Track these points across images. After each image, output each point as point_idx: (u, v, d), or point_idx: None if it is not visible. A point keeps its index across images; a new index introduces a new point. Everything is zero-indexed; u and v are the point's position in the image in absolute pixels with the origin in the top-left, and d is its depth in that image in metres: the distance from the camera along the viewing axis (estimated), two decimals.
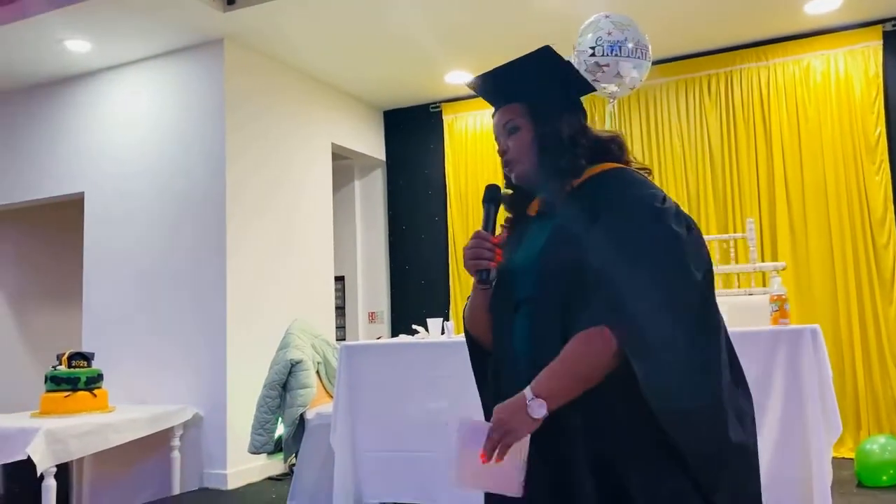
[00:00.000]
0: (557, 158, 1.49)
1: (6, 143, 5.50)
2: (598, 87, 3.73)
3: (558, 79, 1.54)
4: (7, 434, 3.79)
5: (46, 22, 4.35)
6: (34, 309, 5.96)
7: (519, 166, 1.53)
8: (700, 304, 1.35)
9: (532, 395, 1.31)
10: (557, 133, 1.50)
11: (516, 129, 1.53)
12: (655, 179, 5.60)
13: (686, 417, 1.31)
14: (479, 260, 1.48)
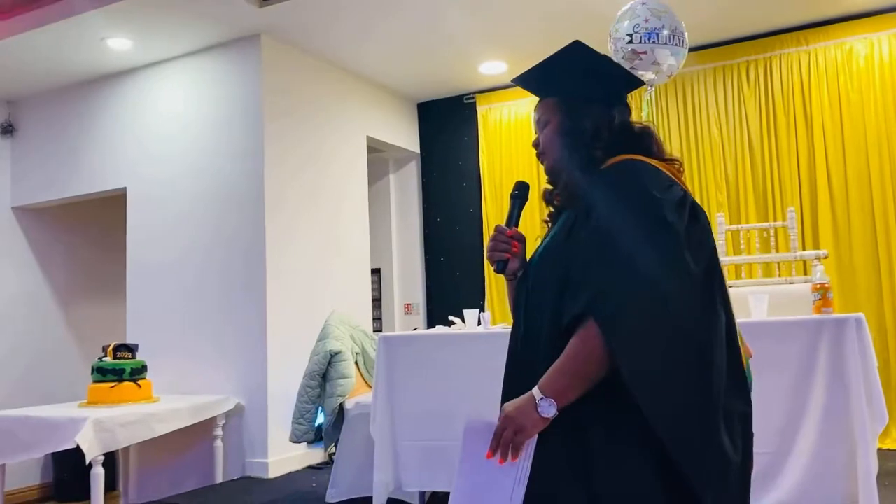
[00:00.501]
0: (574, 152, 1.51)
1: (52, 141, 5.64)
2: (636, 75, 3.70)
3: (588, 73, 1.55)
4: (57, 423, 3.90)
5: (89, 21, 4.45)
6: (80, 302, 6.11)
7: (546, 160, 1.58)
8: (693, 297, 1.30)
9: (541, 394, 1.31)
10: (579, 126, 1.51)
11: (546, 124, 1.58)
12: (693, 168, 5.55)
13: (672, 417, 1.27)
14: (495, 252, 1.58)
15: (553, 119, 1.56)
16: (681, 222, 1.34)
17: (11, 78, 5.36)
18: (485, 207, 6.01)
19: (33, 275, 5.85)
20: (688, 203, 1.39)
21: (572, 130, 1.52)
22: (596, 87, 1.54)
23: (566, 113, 1.54)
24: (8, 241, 5.73)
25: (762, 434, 2.79)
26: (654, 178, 1.41)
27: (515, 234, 1.61)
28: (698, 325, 1.30)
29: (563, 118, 1.54)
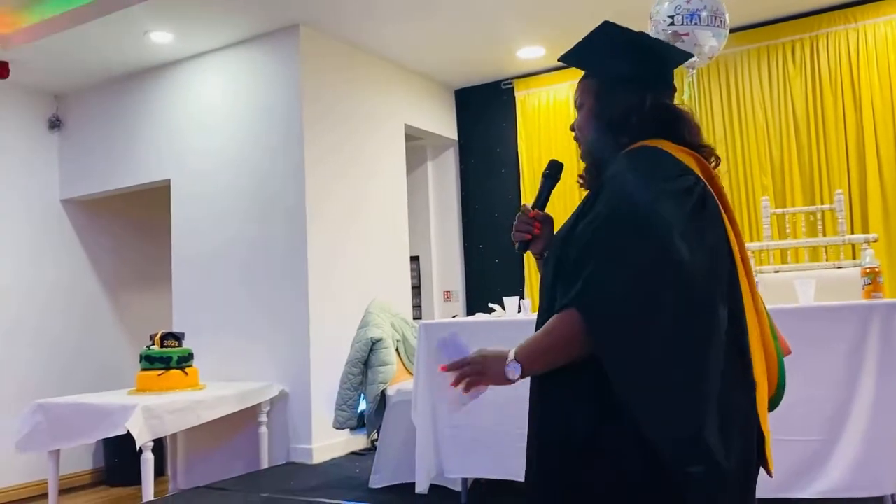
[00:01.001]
0: (601, 136, 1.50)
1: (98, 135, 5.76)
2: None
3: (621, 52, 1.50)
4: (108, 410, 4.00)
5: (133, 15, 4.52)
6: (128, 292, 6.25)
7: (581, 143, 1.56)
8: (682, 292, 1.24)
9: (513, 356, 1.36)
10: (608, 111, 1.49)
11: (582, 106, 1.56)
12: (737, 152, 5.45)
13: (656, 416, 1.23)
14: (517, 232, 1.60)
15: (587, 102, 1.54)
16: (680, 213, 1.28)
17: (59, 73, 5.48)
18: (524, 194, 5.98)
19: (82, 266, 6.00)
20: (696, 192, 1.33)
21: (601, 115, 1.50)
22: (630, 67, 1.49)
23: (598, 96, 1.52)
24: (58, 233, 5.88)
25: (810, 421, 2.75)
26: (662, 166, 1.37)
27: (539, 216, 1.62)
28: (687, 321, 1.24)
29: (595, 102, 1.52)
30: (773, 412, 1.47)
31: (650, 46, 1.54)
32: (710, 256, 1.29)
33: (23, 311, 5.58)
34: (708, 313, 1.27)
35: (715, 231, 1.34)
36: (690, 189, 1.33)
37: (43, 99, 5.90)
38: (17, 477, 5.33)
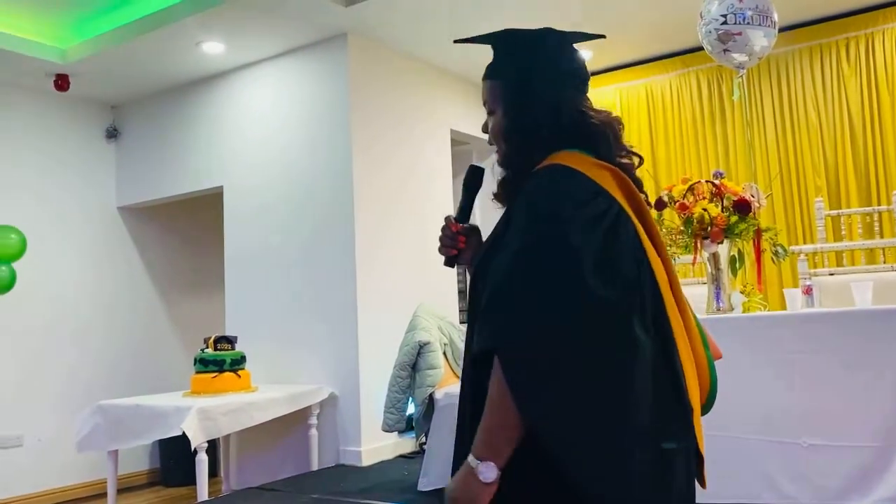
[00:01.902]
0: (511, 149, 1.40)
1: (152, 144, 5.92)
2: (729, 58, 3.60)
3: (527, 55, 1.42)
4: (164, 412, 4.10)
5: (185, 27, 4.64)
6: (182, 296, 6.40)
7: (496, 152, 1.45)
8: (602, 325, 1.14)
9: (476, 459, 1.17)
10: (519, 121, 1.38)
11: (492, 112, 1.45)
12: (790, 152, 5.34)
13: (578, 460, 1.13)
14: (442, 247, 1.51)
15: (497, 109, 1.42)
16: (589, 243, 1.17)
17: (115, 85, 5.66)
18: None
19: (138, 271, 6.17)
20: (609, 217, 1.22)
21: (512, 126, 1.39)
22: (539, 70, 1.40)
23: (510, 104, 1.40)
24: (115, 239, 6.06)
25: (866, 427, 2.69)
26: (573, 190, 1.24)
27: (462, 230, 1.50)
28: (604, 356, 1.14)
29: (507, 109, 1.40)
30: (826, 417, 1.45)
31: (559, 44, 1.46)
32: (626, 286, 1.18)
33: (81, 315, 5.76)
34: (630, 348, 1.16)
35: (630, 257, 1.22)
36: (603, 214, 1.22)
37: (100, 110, 6.09)
38: (78, 476, 5.50)
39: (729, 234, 3.26)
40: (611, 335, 1.15)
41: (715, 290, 3.30)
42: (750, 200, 3.26)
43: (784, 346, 2.91)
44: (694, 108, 5.46)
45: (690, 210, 3.26)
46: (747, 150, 5.01)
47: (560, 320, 1.13)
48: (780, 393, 2.88)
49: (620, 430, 1.14)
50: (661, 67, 5.58)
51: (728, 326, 3.09)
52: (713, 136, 5.38)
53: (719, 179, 3.40)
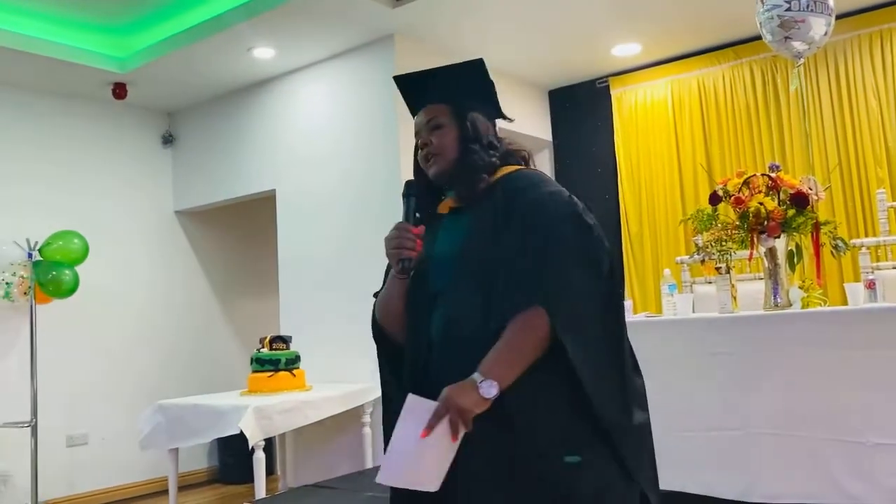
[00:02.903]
0: (475, 156, 1.62)
1: (207, 149, 6.06)
2: (789, 46, 3.52)
3: (481, 91, 1.71)
4: (222, 411, 4.19)
5: (237, 33, 4.73)
6: (237, 297, 6.53)
7: (440, 162, 1.65)
8: (608, 292, 1.49)
9: (482, 377, 1.39)
10: (478, 134, 1.64)
11: (439, 127, 1.66)
12: (849, 142, 5.23)
13: (605, 389, 1.45)
14: (401, 249, 1.56)
15: (449, 125, 1.65)
16: (594, 226, 1.52)
17: (171, 91, 5.80)
18: (621, 193, 5.88)
19: (195, 273, 6.32)
20: (587, 210, 1.56)
21: (475, 139, 1.63)
22: (485, 103, 1.71)
23: (466, 121, 1.65)
24: (172, 242, 6.22)
25: None
26: (561, 188, 1.60)
27: (420, 233, 1.61)
28: (616, 317, 1.52)
29: (464, 125, 1.65)
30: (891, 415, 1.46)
31: (493, 89, 1.73)
32: (611, 261, 1.52)
33: (141, 317, 5.92)
34: (622, 310, 1.56)
35: (605, 240, 1.55)
36: (583, 207, 1.56)
37: (157, 116, 6.25)
38: (141, 474, 5.67)
39: (786, 228, 3.19)
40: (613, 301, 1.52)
41: (772, 286, 3.23)
42: (807, 193, 3.18)
43: (845, 343, 2.83)
44: (748, 99, 5.34)
45: (746, 204, 3.19)
46: (804, 142, 4.88)
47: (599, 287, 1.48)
48: (843, 391, 2.80)
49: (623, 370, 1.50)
50: (713, 59, 5.47)
51: (786, 323, 3.02)
52: (768, 129, 5.26)
53: (775, 172, 3.32)
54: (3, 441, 4.86)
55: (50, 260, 5.00)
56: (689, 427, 3.10)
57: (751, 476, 2.95)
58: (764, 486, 2.92)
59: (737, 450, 2.99)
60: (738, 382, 3.02)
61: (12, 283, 4.89)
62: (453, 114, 1.67)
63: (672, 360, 3.19)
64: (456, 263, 1.56)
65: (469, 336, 1.48)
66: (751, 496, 2.94)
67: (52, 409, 5.24)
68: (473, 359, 1.42)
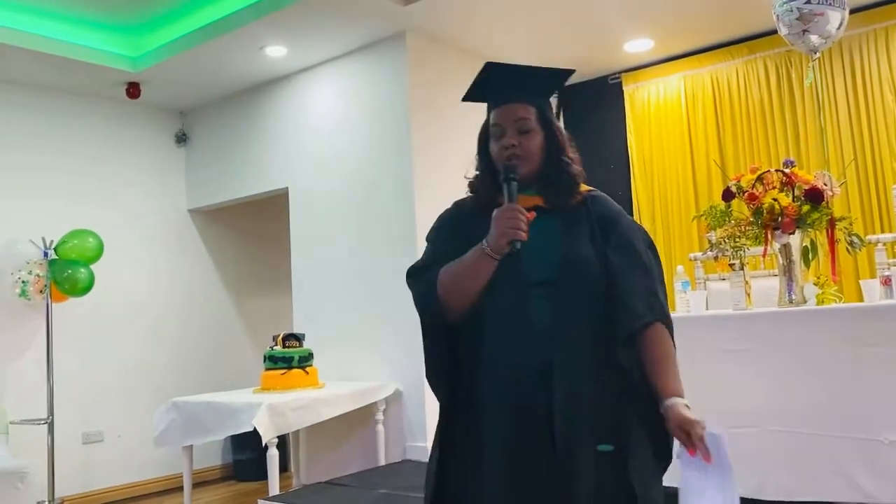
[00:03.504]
0: (570, 168, 1.72)
1: (220, 148, 6.08)
2: (806, 40, 3.49)
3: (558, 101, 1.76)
4: (235, 408, 4.20)
5: (249, 32, 4.75)
6: (250, 295, 6.56)
7: (525, 165, 1.67)
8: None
9: (680, 398, 1.58)
10: (564, 145, 1.73)
11: (528, 131, 1.69)
12: (864, 137, 5.17)
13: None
14: (517, 230, 1.56)
15: (536, 130, 1.70)
16: None
17: (184, 91, 5.83)
18: (634, 190, 5.86)
19: (208, 271, 6.35)
20: None
21: (563, 150, 1.73)
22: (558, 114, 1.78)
23: (554, 130, 1.72)
24: (186, 241, 6.25)
25: None
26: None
27: (532, 218, 1.62)
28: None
29: (552, 134, 1.71)
30: None
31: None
32: None
33: (156, 315, 5.96)
34: None
35: None
36: None
37: (170, 116, 6.29)
38: (155, 471, 5.71)
39: (801, 224, 3.16)
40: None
41: (787, 283, 3.20)
42: (822, 189, 3.16)
43: (861, 340, 2.81)
44: (762, 95, 5.30)
45: (760, 200, 3.17)
46: (819, 137, 4.83)
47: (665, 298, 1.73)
48: (858, 388, 2.78)
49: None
50: (727, 54, 5.44)
51: (801, 320, 3.00)
52: (782, 124, 5.22)
53: (790, 168, 3.30)
54: (21, 438, 4.90)
55: (65, 258, 5.04)
56: None
57: (765, 473, 2.93)
58: (778, 483, 2.91)
59: (751, 447, 2.97)
60: (752, 380, 3.01)
61: (28, 281, 4.93)
62: (539, 119, 1.70)
63: (685, 358, 3.17)
64: (560, 261, 1.63)
65: (582, 327, 1.60)
66: (765, 493, 2.93)
67: (69, 406, 5.28)
68: (588, 348, 1.60)
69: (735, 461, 2.98)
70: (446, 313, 1.66)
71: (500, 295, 1.62)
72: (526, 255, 1.58)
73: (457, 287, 1.65)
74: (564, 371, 1.56)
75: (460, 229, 1.74)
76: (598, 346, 1.60)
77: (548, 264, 1.62)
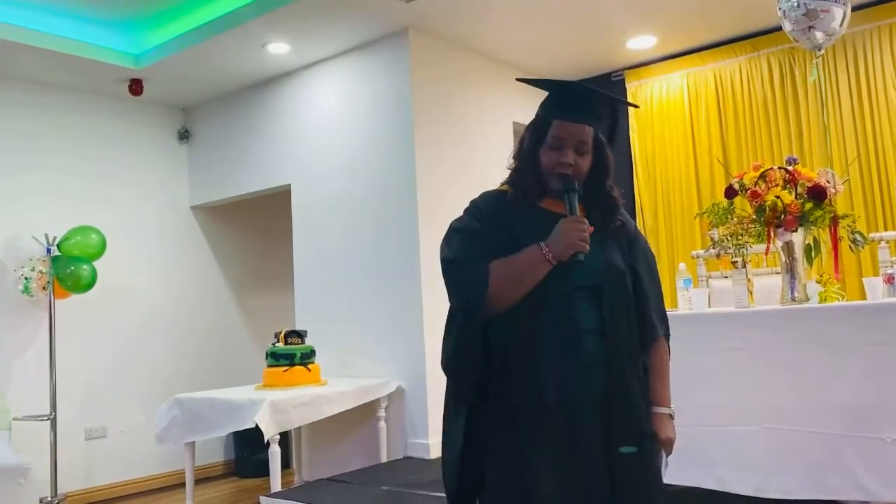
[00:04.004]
0: (615, 193, 1.86)
1: (222, 145, 6.08)
2: (811, 36, 3.48)
3: (612, 127, 1.88)
4: (238, 405, 4.20)
5: (252, 29, 4.75)
6: (253, 292, 6.56)
7: (579, 183, 1.76)
8: None
9: (668, 408, 1.82)
10: (609, 171, 1.84)
11: (585, 153, 1.78)
12: (868, 135, 5.15)
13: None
14: (585, 242, 1.69)
15: (590, 152, 1.78)
16: None
17: (186, 88, 5.83)
18: (637, 187, 5.85)
19: (211, 268, 6.36)
20: None
21: (609, 174, 1.84)
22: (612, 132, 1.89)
23: (606, 155, 1.82)
24: (188, 238, 6.25)
25: None
26: None
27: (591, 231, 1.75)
28: None
29: (604, 158, 1.82)
30: None
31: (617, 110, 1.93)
32: None
33: (158, 312, 5.97)
34: None
35: None
36: None
37: (172, 112, 6.29)
38: (158, 467, 5.72)
39: (803, 221, 3.15)
40: None
41: (789, 280, 3.20)
42: (825, 186, 3.15)
43: (864, 338, 2.80)
44: (765, 92, 5.29)
45: (762, 198, 3.16)
46: (822, 135, 4.83)
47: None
48: (861, 387, 2.78)
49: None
50: (730, 52, 5.42)
51: (803, 317, 3.00)
52: (786, 121, 5.21)
53: (793, 166, 3.29)
54: (23, 434, 4.91)
55: (68, 255, 5.04)
56: (705, 422, 3.08)
57: (766, 472, 2.93)
58: (779, 481, 2.90)
59: (752, 445, 2.96)
60: (754, 378, 3.00)
61: (31, 277, 4.94)
62: (593, 142, 1.79)
63: (687, 355, 3.17)
64: (604, 268, 1.76)
65: (623, 329, 1.75)
66: (766, 492, 2.92)
67: (71, 402, 5.29)
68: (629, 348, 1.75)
69: (736, 459, 2.98)
70: (492, 308, 1.70)
71: (546, 296, 1.70)
72: (576, 263, 1.70)
73: (510, 285, 1.70)
74: (611, 368, 1.71)
75: (503, 225, 1.77)
76: (632, 348, 1.76)
77: (591, 270, 1.73)
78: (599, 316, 1.72)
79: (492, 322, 1.72)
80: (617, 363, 1.72)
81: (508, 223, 1.76)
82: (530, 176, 1.80)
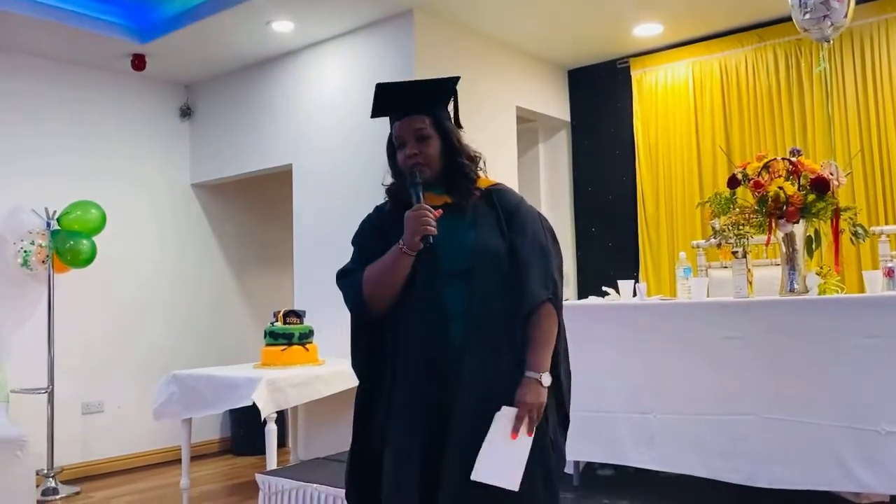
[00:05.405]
0: (466, 169, 1.91)
1: (224, 123, 6.06)
2: (822, 27, 3.46)
3: (453, 105, 2.00)
4: (235, 383, 4.22)
5: (255, 5, 4.71)
6: (251, 271, 6.57)
7: (428, 170, 1.87)
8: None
9: (538, 372, 1.76)
10: (461, 147, 1.94)
11: (426, 138, 1.90)
12: (873, 129, 5.14)
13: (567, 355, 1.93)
14: (427, 226, 1.76)
15: (433, 137, 1.90)
16: None
17: (188, 64, 5.80)
18: (639, 175, 5.84)
19: (211, 246, 6.36)
20: None
21: (460, 151, 1.93)
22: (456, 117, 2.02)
23: (450, 135, 1.93)
24: (189, 215, 6.25)
25: None
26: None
27: (438, 216, 1.81)
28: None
29: (449, 139, 1.92)
30: None
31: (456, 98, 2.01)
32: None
33: (158, 288, 5.97)
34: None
35: None
36: None
37: (175, 89, 6.26)
38: (154, 442, 5.75)
39: (805, 213, 3.15)
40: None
41: (789, 272, 3.20)
42: (828, 178, 3.14)
43: (862, 330, 2.80)
44: (770, 83, 5.27)
45: (765, 188, 3.16)
46: (826, 127, 4.82)
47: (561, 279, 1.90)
48: (857, 378, 2.78)
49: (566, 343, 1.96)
50: (736, 41, 5.40)
51: (802, 309, 3.00)
52: (790, 112, 5.19)
53: (796, 157, 3.28)
54: (20, 407, 4.93)
55: (68, 229, 5.04)
56: (701, 411, 3.09)
57: (759, 461, 2.94)
58: (772, 471, 2.92)
59: (747, 435, 2.98)
60: (751, 367, 3.01)
61: (31, 251, 4.94)
62: (434, 125, 1.91)
63: (685, 344, 3.18)
64: (472, 251, 1.81)
65: (494, 310, 1.79)
66: (758, 481, 2.94)
67: (69, 376, 5.31)
68: (498, 329, 1.78)
69: (731, 449, 3.00)
70: (372, 309, 1.86)
71: (419, 286, 1.81)
72: (441, 247, 1.79)
73: (379, 284, 1.85)
74: (474, 349, 1.75)
75: (381, 232, 1.92)
76: (507, 325, 1.79)
77: (461, 255, 1.81)
78: (469, 299, 1.78)
79: (385, 320, 1.85)
80: (483, 344, 1.76)
81: (388, 230, 1.89)
82: (398, 181, 1.95)
